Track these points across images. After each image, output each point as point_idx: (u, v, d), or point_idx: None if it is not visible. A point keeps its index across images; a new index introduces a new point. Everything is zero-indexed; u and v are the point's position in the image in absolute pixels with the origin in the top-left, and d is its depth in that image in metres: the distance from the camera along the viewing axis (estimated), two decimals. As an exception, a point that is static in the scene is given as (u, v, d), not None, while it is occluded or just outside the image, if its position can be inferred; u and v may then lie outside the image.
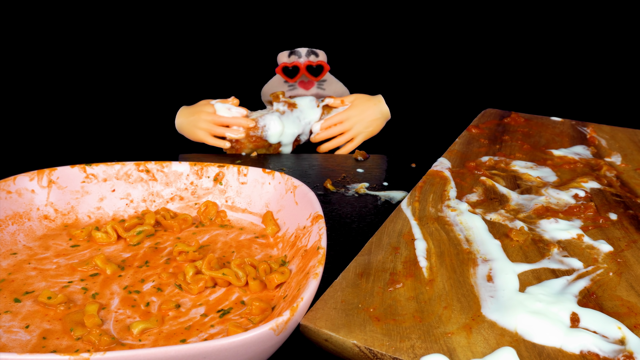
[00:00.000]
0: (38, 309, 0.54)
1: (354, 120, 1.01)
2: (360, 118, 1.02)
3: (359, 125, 1.02)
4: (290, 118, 0.99)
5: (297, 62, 1.04)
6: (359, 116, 1.02)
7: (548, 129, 1.03)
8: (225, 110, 0.98)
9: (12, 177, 0.67)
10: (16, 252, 0.63)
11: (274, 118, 0.97)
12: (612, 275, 0.57)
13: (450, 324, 0.49)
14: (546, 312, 0.50)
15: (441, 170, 0.82)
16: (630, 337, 0.47)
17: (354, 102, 1.03)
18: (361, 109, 1.02)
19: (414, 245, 0.62)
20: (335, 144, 1.03)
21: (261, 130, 0.97)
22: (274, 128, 0.97)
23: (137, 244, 0.66)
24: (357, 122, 1.02)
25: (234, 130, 0.97)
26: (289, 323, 0.45)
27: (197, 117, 0.98)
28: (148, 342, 0.50)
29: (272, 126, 0.97)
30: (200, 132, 0.98)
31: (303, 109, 1.00)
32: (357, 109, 1.02)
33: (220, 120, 0.97)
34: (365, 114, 1.02)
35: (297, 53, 1.05)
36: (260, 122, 0.97)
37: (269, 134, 0.98)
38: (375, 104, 1.04)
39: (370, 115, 1.02)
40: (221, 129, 0.97)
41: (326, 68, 1.05)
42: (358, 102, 1.03)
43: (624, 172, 0.84)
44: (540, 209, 0.71)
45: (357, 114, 1.02)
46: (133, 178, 0.73)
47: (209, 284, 0.58)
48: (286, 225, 0.67)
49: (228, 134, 0.97)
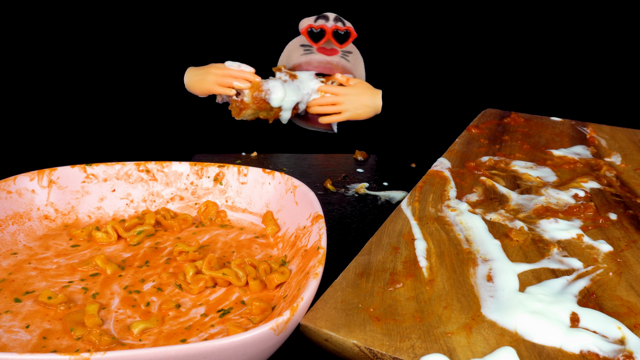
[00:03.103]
0: (38, 308, 0.54)
1: (348, 97, 1.06)
2: (354, 98, 1.06)
3: (349, 103, 1.06)
4: (292, 86, 1.04)
5: (324, 26, 1.06)
6: (354, 96, 1.06)
7: (548, 129, 1.03)
8: (235, 65, 1.03)
9: (13, 177, 0.67)
10: (16, 252, 0.63)
11: (277, 84, 1.01)
12: (612, 275, 0.57)
13: (450, 323, 0.49)
14: (546, 312, 0.50)
15: (441, 170, 0.82)
16: (630, 337, 0.48)
17: (356, 84, 1.08)
18: (358, 91, 1.07)
19: (414, 245, 0.62)
20: (324, 110, 1.07)
21: (265, 93, 1.01)
22: (276, 92, 1.02)
23: (137, 244, 0.67)
24: (350, 101, 1.06)
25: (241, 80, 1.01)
26: (289, 323, 0.45)
27: (206, 70, 1.03)
28: (148, 342, 0.50)
29: (275, 90, 1.02)
30: (208, 83, 1.02)
31: (303, 80, 1.05)
32: (355, 89, 1.07)
33: (229, 72, 1.01)
34: (359, 97, 1.06)
35: (325, 17, 1.07)
36: (264, 85, 1.01)
37: (272, 97, 1.02)
38: (373, 94, 1.08)
39: (364, 100, 1.06)
40: (229, 79, 1.01)
41: (353, 35, 1.07)
42: (360, 85, 1.08)
43: (623, 172, 0.84)
44: (540, 209, 0.71)
45: (353, 93, 1.06)
46: (133, 178, 0.73)
47: (209, 284, 0.58)
48: (286, 225, 0.67)
49: (235, 83, 1.01)
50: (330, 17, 1.07)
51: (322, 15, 1.07)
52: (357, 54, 1.11)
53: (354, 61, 1.10)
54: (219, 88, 1.01)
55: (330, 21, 1.07)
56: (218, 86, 1.01)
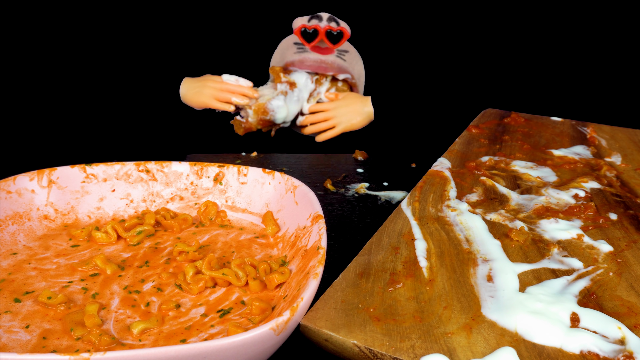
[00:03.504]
0: (38, 309, 0.54)
1: (338, 110, 1.07)
2: (344, 111, 1.07)
3: (341, 116, 1.07)
4: (293, 99, 1.05)
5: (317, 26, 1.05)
6: (344, 108, 1.07)
7: (548, 129, 1.03)
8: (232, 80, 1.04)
9: (12, 177, 0.67)
10: (16, 252, 0.63)
11: (280, 103, 1.03)
12: (612, 275, 0.57)
13: (450, 324, 0.49)
14: (546, 312, 0.50)
15: (441, 170, 0.82)
16: (630, 337, 0.47)
17: (345, 96, 1.09)
18: (347, 102, 1.08)
19: (414, 245, 0.62)
20: (317, 128, 1.08)
21: (270, 115, 1.03)
22: (281, 112, 1.04)
23: (137, 244, 0.66)
24: (341, 113, 1.07)
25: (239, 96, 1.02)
26: (289, 323, 0.45)
27: (202, 83, 1.03)
28: (148, 342, 0.50)
29: (280, 110, 1.04)
30: (205, 97, 1.02)
31: (301, 88, 1.06)
32: (344, 102, 1.08)
33: (227, 86, 1.01)
34: (349, 108, 1.07)
35: (319, 17, 1.07)
36: (268, 106, 1.02)
37: (277, 117, 1.04)
38: (362, 101, 1.09)
39: (354, 110, 1.08)
40: (226, 94, 1.01)
41: (346, 35, 1.07)
42: (348, 97, 1.09)
43: (624, 172, 0.84)
44: (540, 209, 0.71)
45: (343, 105, 1.08)
46: (133, 178, 0.73)
47: (209, 284, 0.58)
48: (286, 225, 0.67)
49: (234, 99, 1.01)
50: (324, 17, 1.07)
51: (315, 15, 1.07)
52: (355, 53, 1.11)
53: (350, 60, 1.10)
54: (216, 103, 1.01)
55: (324, 21, 1.07)
56: (215, 101, 1.01)
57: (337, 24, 1.07)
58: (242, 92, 1.01)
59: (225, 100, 1.01)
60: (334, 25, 1.06)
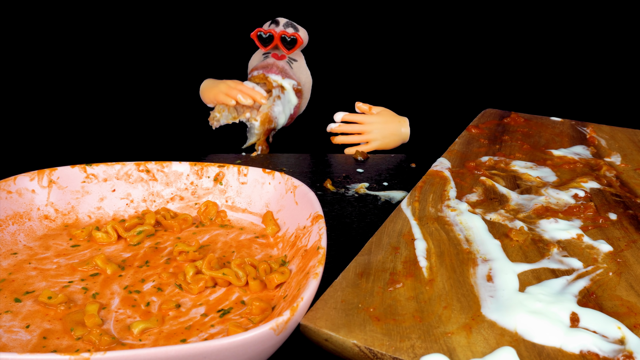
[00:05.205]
0: (38, 308, 0.54)
1: (375, 126, 1.03)
2: (381, 127, 1.03)
3: (377, 132, 1.03)
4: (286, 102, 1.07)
5: (273, 30, 1.05)
6: (381, 125, 1.04)
7: (548, 129, 1.03)
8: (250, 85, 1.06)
9: (13, 177, 0.67)
10: (16, 252, 0.63)
11: (280, 109, 1.05)
12: (612, 275, 0.57)
13: (450, 323, 0.49)
14: (546, 312, 0.50)
15: (441, 170, 0.82)
16: (630, 337, 0.48)
17: (380, 112, 1.05)
18: (385, 119, 1.04)
19: (414, 245, 0.62)
20: (351, 140, 1.04)
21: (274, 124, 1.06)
22: (282, 118, 1.07)
23: (137, 243, 0.67)
24: (377, 129, 1.03)
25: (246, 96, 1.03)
26: (289, 323, 0.45)
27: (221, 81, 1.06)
28: (148, 342, 0.50)
29: (281, 116, 1.06)
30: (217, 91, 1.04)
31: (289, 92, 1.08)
32: (381, 117, 1.04)
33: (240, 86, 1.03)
34: (387, 125, 1.04)
35: (277, 22, 1.07)
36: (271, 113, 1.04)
37: (279, 123, 1.07)
38: (400, 122, 1.05)
39: (391, 129, 1.04)
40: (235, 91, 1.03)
41: (299, 42, 1.06)
42: (385, 113, 1.05)
43: (623, 172, 0.84)
44: (540, 209, 0.71)
45: (380, 122, 1.04)
46: (133, 178, 0.73)
47: (209, 284, 0.58)
48: (286, 225, 0.67)
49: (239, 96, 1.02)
50: (281, 22, 1.06)
51: (274, 20, 1.07)
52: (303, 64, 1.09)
53: (297, 70, 1.09)
54: (223, 97, 1.02)
55: (280, 26, 1.06)
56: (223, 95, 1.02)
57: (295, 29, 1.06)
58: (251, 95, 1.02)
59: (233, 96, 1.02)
60: (289, 31, 1.05)
